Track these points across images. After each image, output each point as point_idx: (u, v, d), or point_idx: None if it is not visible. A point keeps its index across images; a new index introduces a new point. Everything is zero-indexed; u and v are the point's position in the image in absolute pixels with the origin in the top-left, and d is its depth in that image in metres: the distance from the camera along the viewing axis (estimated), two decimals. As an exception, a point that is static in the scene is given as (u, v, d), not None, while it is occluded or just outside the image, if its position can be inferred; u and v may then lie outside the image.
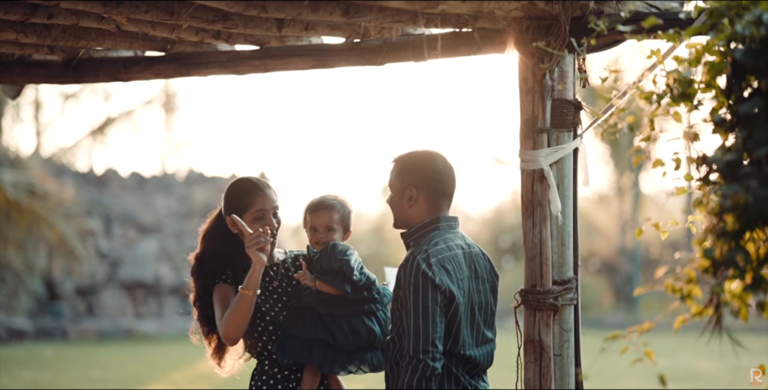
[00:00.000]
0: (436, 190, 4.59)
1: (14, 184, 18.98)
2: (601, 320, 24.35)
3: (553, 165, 4.48)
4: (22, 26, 4.60)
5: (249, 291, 4.60)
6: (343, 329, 4.69)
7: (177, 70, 5.36)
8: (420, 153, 4.66)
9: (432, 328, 4.28)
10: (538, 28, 4.43)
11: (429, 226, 4.56)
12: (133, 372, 16.03)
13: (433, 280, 4.31)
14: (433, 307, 4.29)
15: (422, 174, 4.59)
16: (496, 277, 4.71)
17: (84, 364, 17.19)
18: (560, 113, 4.47)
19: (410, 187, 4.58)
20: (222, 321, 4.67)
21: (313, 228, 4.83)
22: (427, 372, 4.25)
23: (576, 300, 4.54)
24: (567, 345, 4.50)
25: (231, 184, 4.93)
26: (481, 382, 4.58)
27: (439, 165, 4.62)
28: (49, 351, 18.92)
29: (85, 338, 21.39)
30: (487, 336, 4.57)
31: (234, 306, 4.63)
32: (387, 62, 5.05)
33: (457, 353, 4.42)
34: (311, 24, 4.69)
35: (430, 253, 4.39)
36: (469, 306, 4.47)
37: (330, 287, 4.70)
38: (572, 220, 4.54)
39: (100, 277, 22.99)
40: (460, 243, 4.57)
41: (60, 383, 14.75)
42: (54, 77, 5.47)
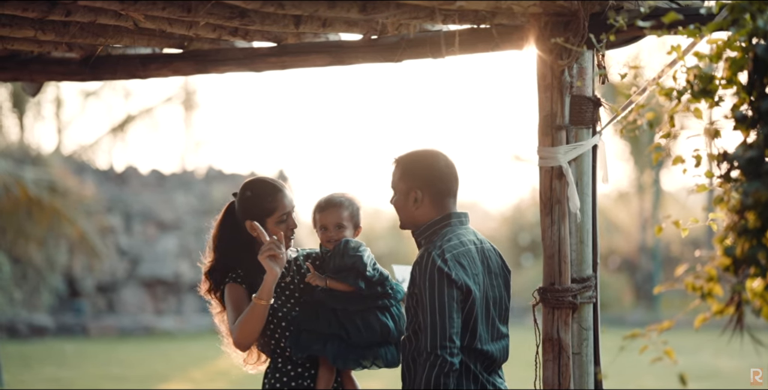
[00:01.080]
0: (441, 190, 4.55)
1: (35, 182, 19.04)
2: (621, 318, 24.25)
3: (572, 162, 4.45)
4: (40, 23, 4.60)
5: (263, 301, 4.59)
6: (356, 324, 4.68)
7: (194, 67, 5.36)
8: (421, 153, 4.62)
9: (449, 324, 4.25)
10: (557, 25, 4.39)
11: (440, 223, 4.53)
12: (153, 369, 16.06)
13: (449, 276, 4.29)
14: (449, 303, 4.27)
15: (425, 175, 4.55)
16: (509, 272, 4.68)
17: (103, 361, 17.24)
18: (579, 110, 4.44)
19: (415, 190, 4.55)
20: (234, 328, 4.66)
21: (323, 227, 4.82)
22: (445, 368, 4.23)
23: (595, 298, 4.51)
24: (586, 343, 4.48)
25: (248, 187, 4.86)
26: (498, 379, 4.55)
27: (441, 164, 4.58)
28: (69, 348, 18.97)
29: (105, 335, 21.44)
30: (501, 331, 4.55)
31: (247, 314, 4.61)
32: (404, 59, 5.02)
33: (474, 348, 4.39)
34: (328, 21, 4.67)
35: (445, 248, 4.37)
36: (484, 301, 4.45)
37: (342, 284, 4.69)
38: (591, 217, 4.51)
39: (120, 274, 23.05)
40: (472, 238, 4.54)
41: (79, 380, 14.78)
42: (72, 75, 5.47)
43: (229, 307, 4.75)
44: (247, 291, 4.75)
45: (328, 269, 4.78)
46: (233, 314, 4.71)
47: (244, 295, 4.75)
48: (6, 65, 5.52)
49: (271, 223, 4.76)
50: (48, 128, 28.60)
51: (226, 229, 4.87)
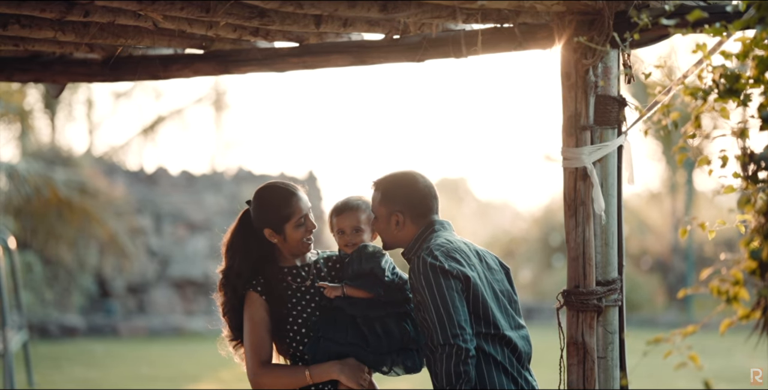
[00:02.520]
0: (421, 211, 4.61)
1: (66, 183, 19.12)
2: (653, 319, 24.06)
3: (597, 163, 4.39)
4: (60, 24, 4.58)
5: (310, 379, 4.61)
6: (376, 331, 4.62)
7: (216, 67, 5.33)
8: (399, 175, 4.69)
9: (455, 312, 4.26)
10: (581, 23, 4.33)
11: (424, 234, 4.59)
12: (182, 370, 16.07)
13: (442, 268, 4.31)
14: (449, 293, 4.28)
15: (405, 198, 4.61)
16: (508, 270, 4.69)
17: (133, 361, 17.27)
18: (604, 110, 4.38)
19: (395, 213, 4.61)
20: (263, 373, 4.66)
21: (341, 230, 4.76)
22: (461, 355, 4.22)
23: (621, 301, 4.45)
24: (611, 347, 4.42)
25: (262, 194, 4.82)
26: (528, 375, 4.51)
27: (419, 185, 4.64)
28: (99, 348, 19.04)
29: (135, 335, 21.50)
30: (519, 322, 4.54)
31: (287, 377, 4.65)
32: (427, 59, 4.97)
33: (496, 335, 4.38)
34: (350, 20, 4.62)
35: (432, 248, 4.41)
36: (491, 290, 4.45)
37: (359, 291, 4.64)
38: (616, 219, 4.45)
39: (150, 274, 23.12)
40: (459, 239, 4.57)
41: (109, 380, 14.82)
42: (94, 76, 5.46)
43: (246, 322, 4.72)
44: (266, 303, 4.71)
45: (347, 275, 4.73)
46: (250, 330, 4.69)
47: (263, 309, 4.71)
48: (28, 66, 5.53)
49: (289, 228, 4.73)
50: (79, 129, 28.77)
51: (241, 237, 4.82)
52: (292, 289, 4.75)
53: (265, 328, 4.70)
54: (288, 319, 4.70)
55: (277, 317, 4.71)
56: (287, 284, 4.75)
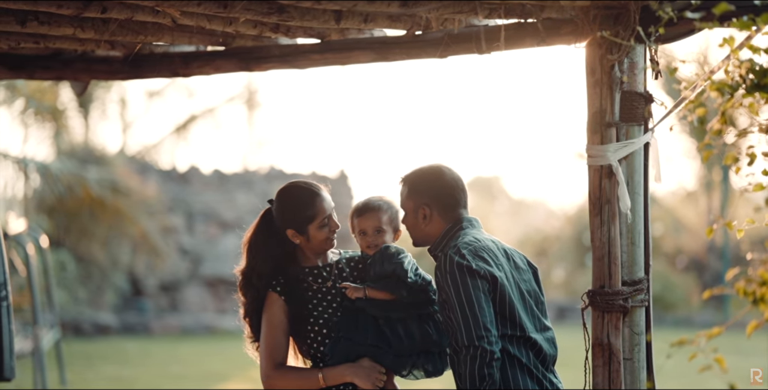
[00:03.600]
0: (448, 204, 4.55)
1: (98, 182, 19.20)
2: (689, 319, 23.86)
3: (623, 160, 4.30)
4: (79, 21, 4.55)
5: (324, 382, 4.56)
6: (397, 333, 4.55)
7: (237, 64, 5.29)
8: (425, 169, 4.63)
9: (480, 314, 4.19)
10: (607, 18, 4.25)
11: (452, 230, 4.52)
12: (212, 368, 16.08)
13: (469, 267, 4.24)
14: (476, 294, 4.21)
15: (432, 191, 4.55)
16: (536, 269, 4.61)
17: (164, 359, 17.31)
18: (630, 106, 4.29)
19: (422, 206, 4.55)
20: (276, 374, 4.61)
21: (362, 231, 4.69)
22: (486, 357, 4.15)
23: (647, 301, 4.36)
24: (638, 348, 4.33)
25: (284, 194, 4.76)
26: (554, 377, 4.44)
27: (446, 178, 4.57)
28: (132, 346, 19.10)
29: (168, 334, 21.56)
30: (545, 323, 4.46)
31: (301, 379, 4.60)
32: (449, 55, 4.89)
33: (521, 337, 4.31)
34: (370, 16, 4.55)
35: (460, 246, 4.34)
36: (518, 290, 4.37)
37: (382, 293, 4.57)
38: (643, 218, 4.36)
39: (182, 273, 23.17)
40: (488, 237, 4.50)
41: (140, 379, 14.84)
42: (115, 73, 5.44)
43: (264, 323, 4.67)
44: (286, 304, 4.65)
45: (369, 277, 4.66)
46: (266, 332, 4.64)
47: (281, 310, 4.65)
48: (50, 64, 5.51)
49: (313, 229, 4.67)
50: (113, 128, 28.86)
51: (263, 236, 4.76)
52: (313, 289, 4.69)
53: (282, 331, 4.64)
54: (309, 319, 4.65)
55: (297, 318, 4.65)
56: (308, 285, 4.69)
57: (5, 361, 5.71)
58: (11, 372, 5.77)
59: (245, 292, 4.76)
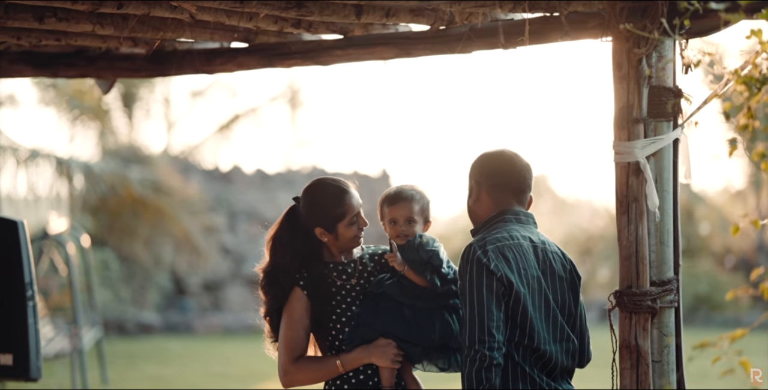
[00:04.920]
0: (498, 183, 4.42)
1: (141, 181, 19.30)
2: (737, 319, 23.51)
3: (651, 157, 4.18)
4: (98, 18, 4.52)
5: (342, 368, 4.51)
6: (420, 322, 4.47)
7: (259, 61, 5.24)
8: (486, 151, 4.53)
9: (488, 317, 4.09)
10: (634, 11, 4.12)
11: (494, 219, 4.39)
12: (254, 368, 16.06)
13: (487, 266, 4.13)
14: (488, 295, 4.11)
15: (482, 169, 4.46)
16: (578, 279, 4.45)
17: (207, 359, 17.34)
18: (658, 101, 4.17)
19: (471, 182, 4.47)
20: (294, 369, 4.55)
21: (393, 220, 4.61)
22: (485, 362, 4.06)
23: (677, 302, 4.24)
24: (667, 351, 4.21)
25: (312, 192, 4.69)
26: (565, 384, 4.33)
27: (503, 158, 4.46)
28: (174, 345, 19.15)
29: (210, 333, 21.61)
30: (568, 334, 4.33)
31: (320, 370, 4.54)
32: (473, 50, 4.79)
33: (529, 346, 4.19)
34: (392, 10, 4.47)
35: (488, 240, 4.23)
36: (541, 298, 4.24)
37: (418, 277, 4.49)
38: (672, 216, 4.24)
39: (224, 272, 23.22)
40: (529, 235, 4.35)
41: (182, 378, 14.87)
42: (138, 70, 5.42)
43: (285, 317, 4.60)
44: (309, 299, 4.58)
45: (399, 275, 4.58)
46: (286, 326, 4.57)
47: (303, 306, 4.58)
48: (73, 62, 5.50)
49: (342, 227, 4.60)
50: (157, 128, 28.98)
51: (288, 233, 4.68)
52: (336, 286, 4.62)
53: (302, 326, 4.57)
54: (331, 316, 4.58)
55: (319, 314, 4.58)
56: (332, 281, 4.62)
57: (31, 360, 5.71)
58: (38, 372, 5.76)
59: (267, 290, 4.69)
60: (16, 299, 5.72)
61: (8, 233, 5.70)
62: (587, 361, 4.48)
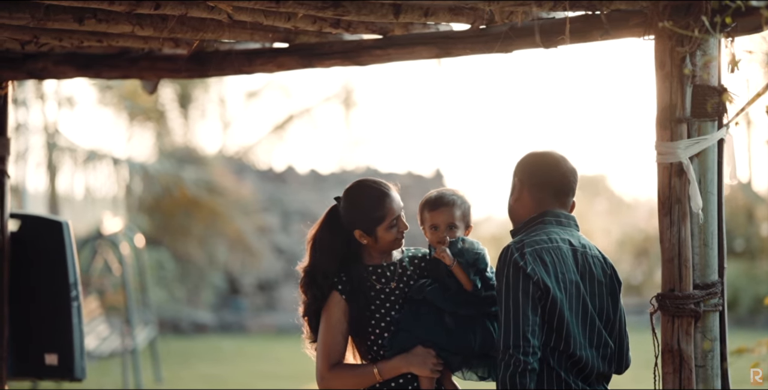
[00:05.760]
0: (540, 183, 4.36)
1: (195, 182, 19.43)
2: (790, 324, 23.13)
3: (694, 158, 4.10)
4: (137, 19, 4.53)
5: (380, 377, 4.48)
6: (461, 330, 4.41)
7: (299, 61, 5.22)
8: (533, 151, 4.49)
9: (523, 321, 4.04)
10: (678, 8, 4.05)
11: (535, 221, 4.34)
12: (305, 368, 15.98)
13: (524, 270, 4.08)
14: (524, 299, 4.06)
15: (527, 167, 4.41)
16: (619, 284, 4.37)
17: (259, 358, 17.39)
18: (702, 101, 4.09)
19: (515, 180, 4.43)
20: (332, 376, 4.53)
21: (434, 226, 4.56)
22: (519, 367, 4.01)
23: (722, 306, 4.15)
24: (711, 355, 4.12)
25: (353, 194, 4.66)
26: (600, 387, 4.27)
27: (546, 160, 4.41)
28: (228, 345, 19.24)
29: (264, 332, 21.68)
30: (606, 340, 4.25)
31: (357, 377, 4.52)
32: (513, 49, 4.71)
33: (564, 351, 4.13)
34: (431, 9, 4.42)
35: (526, 243, 4.17)
36: (579, 303, 4.18)
37: (464, 274, 4.42)
38: (717, 218, 4.15)
39: (278, 272, 23.29)
40: (569, 238, 4.28)
41: (234, 377, 14.93)
42: (179, 71, 5.43)
43: (323, 322, 4.57)
44: (347, 304, 4.55)
45: (444, 272, 4.52)
46: (324, 331, 4.56)
47: (341, 310, 4.55)
48: (116, 63, 5.52)
49: (381, 231, 4.55)
50: (212, 129, 29.17)
51: (329, 234, 4.65)
52: (375, 289, 4.57)
53: (339, 331, 4.54)
54: (370, 321, 4.54)
55: (358, 319, 4.54)
56: (371, 284, 4.58)
57: (75, 361, 5.74)
58: (82, 372, 5.80)
59: (307, 290, 4.67)
60: (61, 300, 5.75)
61: (53, 234, 5.73)
62: (626, 368, 4.41)
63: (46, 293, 5.79)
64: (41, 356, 5.79)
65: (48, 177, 19.42)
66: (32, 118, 19.32)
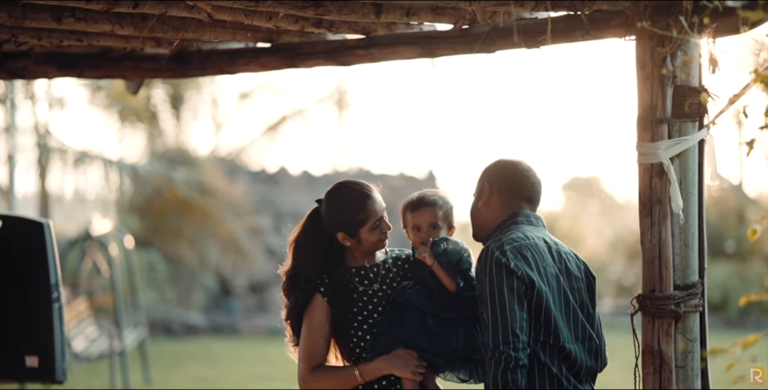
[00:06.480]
0: (511, 188, 4.38)
1: (186, 183, 19.39)
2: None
3: (675, 158, 4.09)
4: (117, 18, 4.50)
5: (361, 378, 4.46)
6: (443, 333, 4.39)
7: (282, 61, 5.21)
8: (503, 158, 4.52)
9: (511, 317, 4.03)
10: (659, 9, 4.04)
11: (507, 222, 4.35)
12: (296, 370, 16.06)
13: (507, 266, 4.07)
14: (509, 295, 4.05)
15: (499, 173, 4.43)
16: (593, 279, 4.39)
17: (252, 360, 17.34)
18: (683, 101, 4.08)
19: (484, 184, 4.42)
20: (312, 378, 4.51)
21: (416, 227, 4.54)
22: (510, 363, 4.00)
23: (702, 306, 4.15)
24: (691, 356, 4.12)
25: (334, 196, 4.64)
26: (587, 386, 4.26)
27: (518, 167, 4.44)
28: (220, 346, 19.20)
29: (255, 334, 21.64)
30: (590, 333, 4.27)
31: (338, 378, 4.50)
32: (496, 49, 4.71)
33: (555, 346, 4.13)
34: (413, 9, 4.41)
35: (504, 241, 4.17)
36: (561, 296, 4.19)
37: (446, 275, 4.41)
38: (697, 219, 4.15)
39: (269, 273, 23.24)
40: (542, 236, 4.30)
41: (226, 379, 14.89)
42: (161, 71, 5.42)
43: (305, 324, 4.56)
44: (329, 306, 4.53)
45: (425, 272, 4.51)
46: (306, 334, 4.54)
47: (323, 313, 4.54)
48: (98, 63, 5.51)
49: (364, 233, 4.53)
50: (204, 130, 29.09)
51: (311, 236, 4.64)
52: (358, 291, 4.55)
53: (322, 333, 4.53)
54: (353, 323, 4.52)
55: (340, 321, 4.52)
56: (354, 286, 4.56)
57: (57, 363, 5.70)
58: (63, 374, 5.76)
59: (289, 294, 4.65)
60: (42, 301, 5.71)
61: (35, 235, 5.69)
62: (603, 366, 4.41)
63: (27, 295, 5.75)
64: (22, 358, 5.75)
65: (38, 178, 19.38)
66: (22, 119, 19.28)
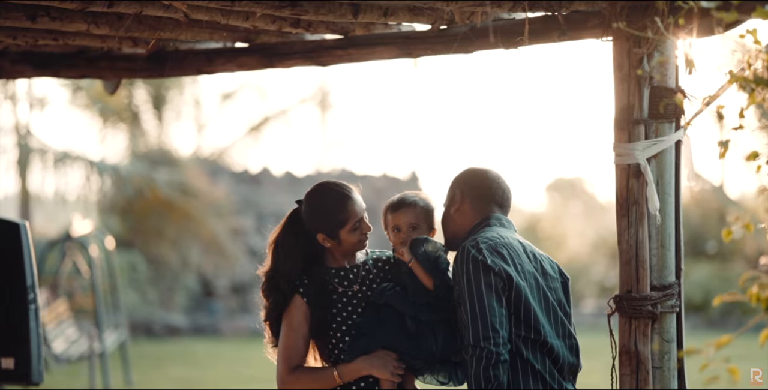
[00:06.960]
0: (482, 194, 4.41)
1: (168, 184, 19.34)
2: (769, 324, 23.23)
3: (652, 159, 4.09)
4: (93, 17, 4.47)
5: (340, 380, 4.43)
6: (422, 335, 4.38)
7: (260, 61, 5.20)
8: (473, 167, 4.56)
9: (490, 313, 4.04)
10: (635, 10, 4.04)
11: (480, 225, 4.36)
12: (279, 370, 16.04)
13: (484, 262, 4.08)
14: (487, 292, 4.06)
15: (470, 180, 4.46)
16: (567, 280, 4.42)
17: (233, 361, 17.31)
18: (659, 102, 4.08)
19: (455, 191, 4.45)
20: (291, 379, 4.49)
21: (396, 227, 4.53)
22: (492, 359, 4.00)
23: (678, 307, 4.16)
24: (668, 357, 4.13)
25: (314, 197, 4.61)
26: (569, 384, 4.26)
27: (488, 175, 4.47)
28: (201, 348, 19.15)
29: (237, 335, 21.59)
30: (569, 330, 4.28)
31: (317, 380, 4.48)
32: (474, 50, 4.72)
33: (537, 340, 4.13)
34: (390, 9, 4.39)
35: (479, 240, 4.18)
36: (539, 293, 4.20)
37: (423, 273, 4.39)
38: (674, 219, 4.15)
39: (252, 274, 23.19)
40: (515, 237, 4.32)
41: (207, 380, 14.85)
42: (138, 70, 5.40)
43: (284, 325, 4.53)
44: (309, 307, 4.51)
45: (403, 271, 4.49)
46: (285, 335, 4.51)
47: (302, 313, 4.51)
48: (74, 62, 5.49)
49: (344, 233, 4.51)
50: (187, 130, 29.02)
51: (291, 237, 4.61)
52: (338, 292, 4.53)
53: (300, 334, 4.50)
54: (332, 325, 4.50)
55: (319, 322, 4.50)
56: (333, 287, 4.54)
57: (33, 365, 5.66)
58: (39, 376, 5.72)
59: (269, 295, 4.62)
60: (17, 303, 5.67)
61: (10, 235, 5.65)
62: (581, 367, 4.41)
63: (3, 296, 5.71)
64: (-3, 360, 5.71)
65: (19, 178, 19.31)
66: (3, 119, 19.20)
